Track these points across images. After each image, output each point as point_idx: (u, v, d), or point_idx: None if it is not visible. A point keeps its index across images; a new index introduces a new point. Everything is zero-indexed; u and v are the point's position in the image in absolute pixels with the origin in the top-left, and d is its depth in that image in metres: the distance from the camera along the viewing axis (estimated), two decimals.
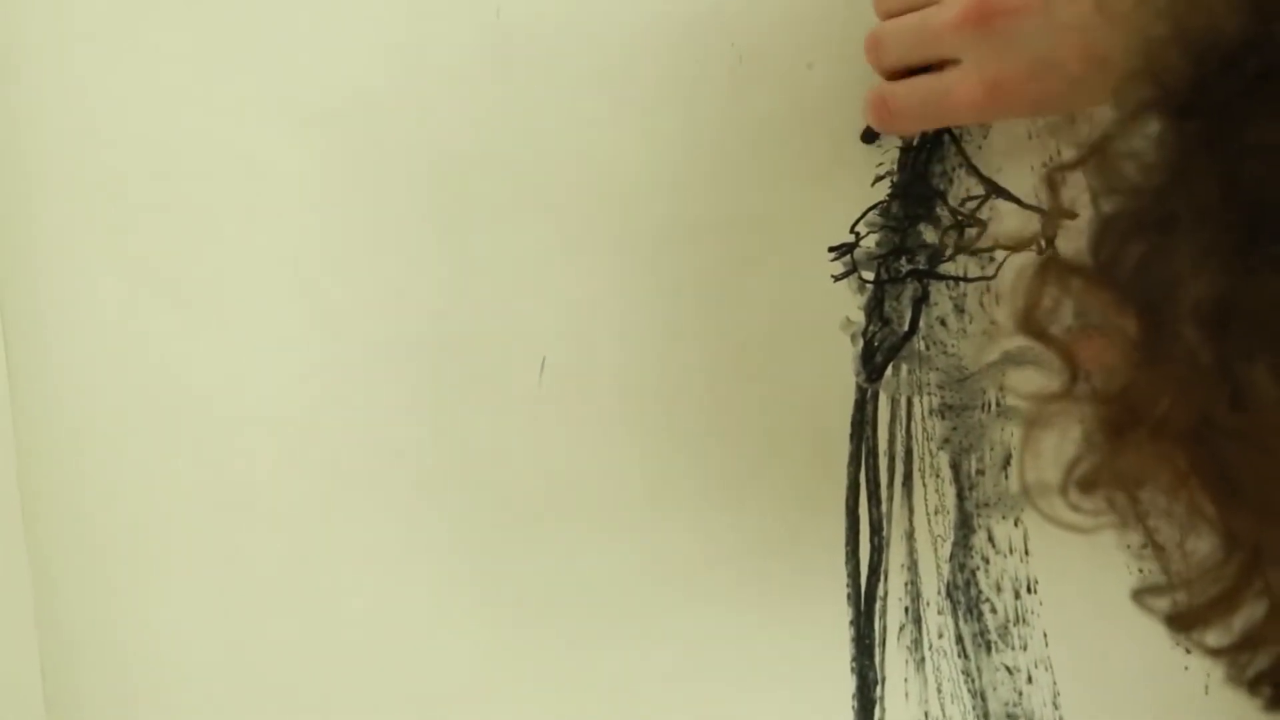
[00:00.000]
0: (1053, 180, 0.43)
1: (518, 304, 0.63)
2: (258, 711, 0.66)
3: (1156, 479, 0.40)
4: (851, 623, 0.65)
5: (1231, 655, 0.41)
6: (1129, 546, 0.43)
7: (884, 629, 0.65)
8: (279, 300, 0.63)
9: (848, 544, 0.64)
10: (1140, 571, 0.44)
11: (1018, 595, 0.65)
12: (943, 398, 0.64)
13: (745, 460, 0.64)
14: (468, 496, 0.64)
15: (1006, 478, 0.64)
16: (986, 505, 0.64)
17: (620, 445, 0.64)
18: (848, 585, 0.65)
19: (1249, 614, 0.40)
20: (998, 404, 0.63)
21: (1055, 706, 0.65)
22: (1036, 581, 0.65)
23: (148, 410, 0.63)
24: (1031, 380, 0.43)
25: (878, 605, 0.65)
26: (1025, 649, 0.65)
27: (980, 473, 0.64)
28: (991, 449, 0.64)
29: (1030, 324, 0.42)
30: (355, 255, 0.62)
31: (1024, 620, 0.65)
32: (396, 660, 0.66)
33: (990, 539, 0.65)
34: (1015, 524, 0.64)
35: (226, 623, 0.65)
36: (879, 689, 0.65)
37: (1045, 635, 0.65)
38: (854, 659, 0.65)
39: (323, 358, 0.63)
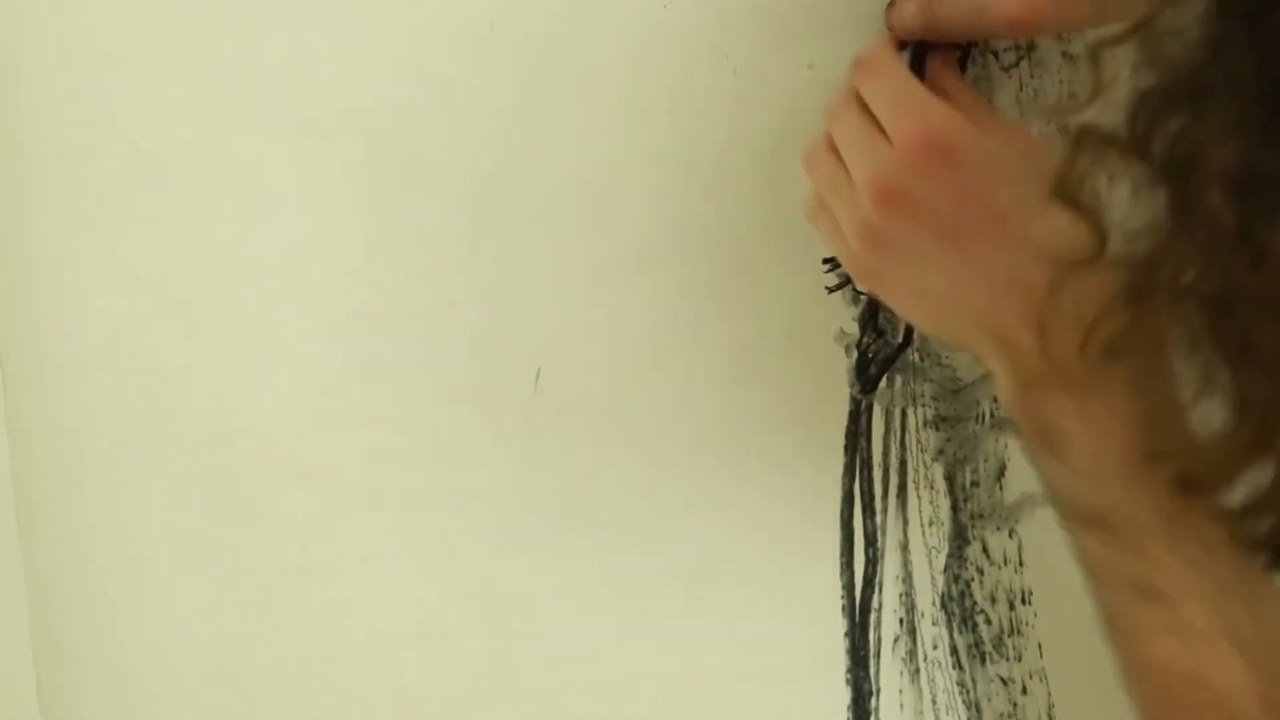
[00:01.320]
0: (1095, 55, 0.43)
1: (513, 314, 0.63)
2: None
3: (1175, 343, 0.42)
4: (846, 634, 0.65)
5: (1237, 518, 0.43)
6: None
7: (879, 640, 0.65)
8: (277, 310, 0.63)
9: (842, 556, 0.64)
10: None
11: (1012, 606, 0.65)
12: (937, 409, 0.64)
13: (739, 471, 0.64)
14: (463, 505, 0.64)
15: (1001, 489, 0.64)
16: (981, 516, 0.65)
17: (614, 456, 0.64)
18: (842, 597, 0.65)
19: (1256, 478, 0.42)
20: (992, 415, 0.63)
21: (1050, 718, 0.65)
22: (1031, 592, 0.65)
23: (143, 418, 0.64)
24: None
25: (872, 617, 0.65)
26: (1020, 660, 0.65)
27: (975, 484, 0.64)
28: (986, 460, 0.64)
29: (1063, 190, 0.43)
30: (351, 266, 0.62)
31: (1018, 631, 0.65)
32: (394, 668, 0.66)
33: (985, 550, 0.65)
34: (1010, 535, 0.64)
35: (223, 631, 0.66)
36: (874, 700, 0.65)
37: (1040, 646, 0.65)
38: (849, 670, 0.65)
39: (319, 368, 0.63)
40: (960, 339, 0.54)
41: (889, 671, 0.65)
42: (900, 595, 0.65)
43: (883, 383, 0.64)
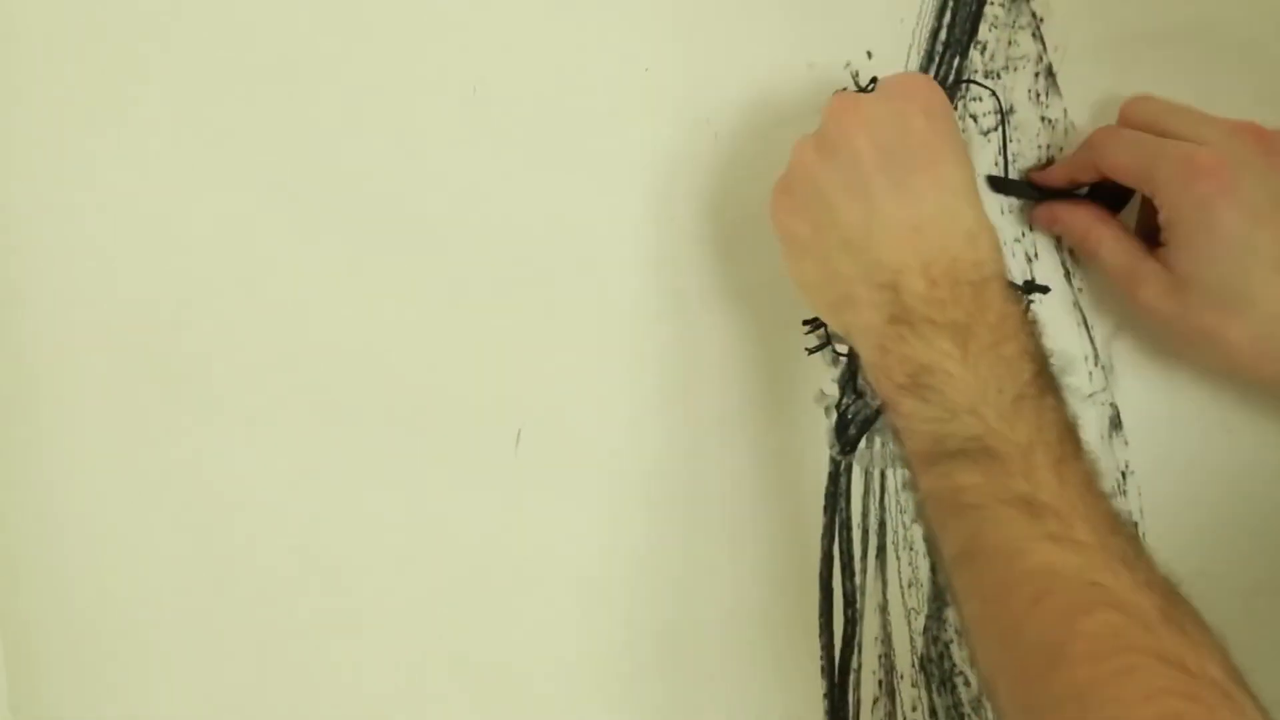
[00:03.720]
0: None
1: (493, 375, 0.63)
2: None
3: None
4: (825, 695, 0.65)
5: None
6: None
7: (858, 702, 0.65)
8: (260, 376, 0.63)
9: (821, 616, 0.64)
10: None
11: None
12: None
13: (719, 532, 0.64)
14: (444, 565, 0.64)
15: None
16: None
17: (595, 516, 0.64)
18: (821, 658, 0.65)
19: None
20: None
21: None
22: None
23: (132, 492, 0.63)
24: None
25: (851, 678, 0.65)
26: None
27: None
28: None
29: None
30: (333, 328, 0.62)
31: None
32: None
33: None
34: None
35: (209, 704, 0.65)
36: None
37: None
38: None
39: (300, 431, 0.63)
40: (841, 284, 0.53)
41: None
42: (879, 657, 0.65)
43: (862, 444, 0.64)
